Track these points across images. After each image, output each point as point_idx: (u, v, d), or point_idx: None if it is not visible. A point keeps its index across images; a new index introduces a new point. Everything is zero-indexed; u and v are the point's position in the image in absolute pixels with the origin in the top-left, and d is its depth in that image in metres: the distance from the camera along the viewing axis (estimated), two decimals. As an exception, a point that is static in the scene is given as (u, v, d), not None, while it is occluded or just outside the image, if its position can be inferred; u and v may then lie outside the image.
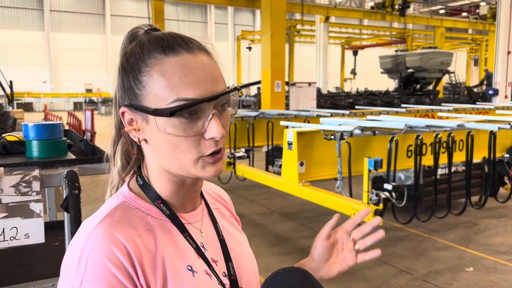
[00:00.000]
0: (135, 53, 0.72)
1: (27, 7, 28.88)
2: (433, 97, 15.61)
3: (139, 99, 0.71)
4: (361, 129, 4.02)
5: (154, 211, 0.75)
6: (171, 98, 0.67)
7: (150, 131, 0.71)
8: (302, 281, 0.73)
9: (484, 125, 4.51)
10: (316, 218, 5.14)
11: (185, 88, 0.67)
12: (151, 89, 0.69)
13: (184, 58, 0.69)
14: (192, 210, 0.81)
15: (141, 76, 0.70)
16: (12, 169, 1.33)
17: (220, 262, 0.79)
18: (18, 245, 1.29)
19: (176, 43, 0.71)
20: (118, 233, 0.68)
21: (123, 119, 0.74)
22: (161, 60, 0.69)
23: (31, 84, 27.41)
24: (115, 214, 0.72)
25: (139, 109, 0.70)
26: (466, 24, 24.62)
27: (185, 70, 0.68)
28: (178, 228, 0.76)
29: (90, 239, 0.67)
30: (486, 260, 3.88)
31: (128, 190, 0.77)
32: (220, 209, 0.91)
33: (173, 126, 0.68)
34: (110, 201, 0.77)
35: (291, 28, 19.22)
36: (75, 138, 2.16)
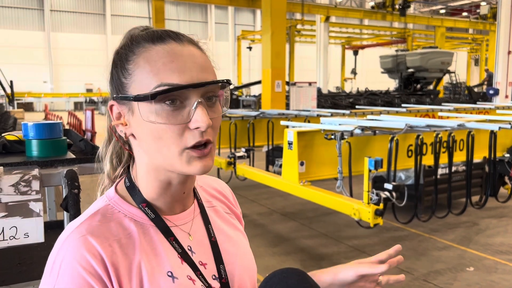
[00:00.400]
0: (125, 45, 0.72)
1: (27, 7, 28.89)
2: (434, 97, 15.60)
3: (125, 88, 0.70)
4: (362, 128, 4.01)
5: (138, 214, 0.73)
6: (155, 84, 0.66)
7: (135, 123, 0.69)
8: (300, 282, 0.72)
9: (484, 124, 4.51)
10: (316, 218, 5.14)
11: (169, 74, 0.66)
12: (136, 76, 0.68)
13: (171, 46, 0.68)
14: (182, 211, 0.78)
15: (127, 64, 0.70)
16: (12, 168, 1.33)
17: (209, 265, 0.77)
18: (17, 244, 1.28)
19: (166, 34, 0.70)
20: (94, 239, 0.67)
21: (111, 114, 0.73)
22: (148, 48, 0.68)
23: (31, 84, 27.42)
24: (95, 218, 0.71)
25: (124, 98, 0.69)
26: (467, 24, 24.60)
27: (170, 57, 0.67)
28: (163, 232, 0.74)
29: (65, 244, 0.67)
30: (487, 260, 3.87)
31: (114, 192, 0.76)
32: (216, 207, 0.88)
33: (156, 114, 0.66)
34: (95, 203, 0.76)
35: (292, 28, 19.21)
36: (75, 137, 2.16)
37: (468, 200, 4.46)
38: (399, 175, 4.74)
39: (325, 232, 4.64)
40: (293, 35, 20.59)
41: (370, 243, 4.28)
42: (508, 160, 4.76)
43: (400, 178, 4.82)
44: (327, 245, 4.28)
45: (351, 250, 4.12)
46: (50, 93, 28.08)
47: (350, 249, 4.16)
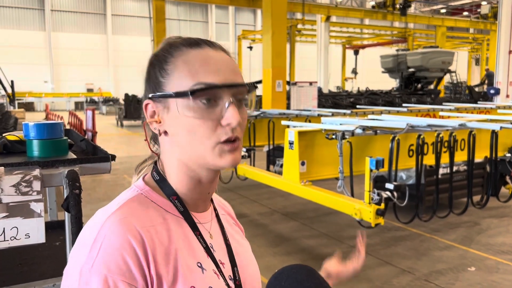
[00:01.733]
0: (163, 49, 0.77)
1: (28, 7, 28.90)
2: (434, 96, 15.59)
3: (162, 86, 0.74)
4: (363, 128, 4.01)
5: (168, 206, 0.77)
6: (192, 83, 0.71)
7: (170, 120, 0.74)
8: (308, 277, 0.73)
9: (486, 124, 4.50)
10: (317, 218, 5.13)
11: (206, 74, 0.71)
12: (174, 76, 0.73)
13: (206, 50, 0.75)
14: (203, 211, 0.82)
15: (166, 65, 0.75)
16: (13, 168, 1.33)
17: (226, 266, 0.80)
18: (18, 245, 1.28)
19: (201, 41, 0.76)
20: (134, 222, 0.69)
21: (146, 112, 0.77)
22: (186, 52, 0.74)
23: (32, 84, 27.43)
24: (132, 204, 0.73)
25: (162, 96, 0.74)
26: (467, 24, 24.58)
27: (207, 60, 0.73)
28: (190, 226, 0.77)
29: (106, 225, 0.68)
30: (488, 260, 3.87)
31: (144, 184, 0.79)
32: (225, 216, 0.93)
33: (193, 110, 0.70)
34: (125, 193, 0.78)
35: (292, 27, 19.20)
36: (76, 137, 2.16)
37: (469, 200, 4.45)
38: (400, 175, 4.73)
39: (326, 232, 4.64)
40: (294, 35, 20.58)
41: (371, 243, 4.27)
42: (509, 160, 4.75)
43: (401, 178, 4.82)
44: (328, 245, 4.28)
45: (353, 250, 4.11)
46: (51, 93, 28.08)
47: (351, 249, 4.15)
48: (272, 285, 0.73)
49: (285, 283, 0.72)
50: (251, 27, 33.60)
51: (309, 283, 0.71)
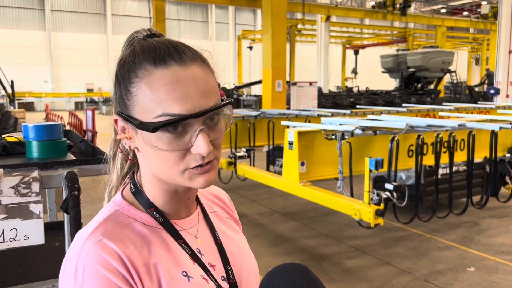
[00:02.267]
0: (127, 62, 0.71)
1: (28, 6, 28.89)
2: (434, 96, 15.59)
3: (128, 109, 0.71)
4: (362, 128, 4.01)
5: (147, 219, 0.75)
6: (157, 112, 0.67)
7: (139, 141, 0.71)
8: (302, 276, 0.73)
9: (485, 124, 4.50)
10: (317, 218, 5.13)
11: (171, 103, 0.66)
12: (139, 101, 0.69)
13: (173, 71, 0.68)
14: (187, 216, 0.80)
15: (130, 87, 0.70)
16: (12, 170, 1.33)
17: (218, 267, 0.79)
18: (17, 246, 1.28)
19: (168, 55, 0.69)
20: (111, 242, 0.68)
21: (116, 126, 0.75)
22: (150, 72, 0.68)
23: (32, 84, 27.42)
24: (107, 223, 0.72)
25: (127, 120, 0.70)
26: (467, 23, 24.57)
27: (173, 84, 0.67)
28: (172, 235, 0.76)
29: (84, 250, 0.68)
30: (488, 260, 3.87)
31: (121, 198, 0.77)
32: (217, 212, 0.91)
33: (159, 140, 0.68)
34: (103, 210, 0.77)
35: (292, 27, 19.20)
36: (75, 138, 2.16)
37: (469, 200, 4.45)
38: (399, 175, 4.73)
39: (326, 232, 4.64)
40: (294, 35, 20.58)
41: (371, 243, 4.28)
42: (509, 160, 4.75)
43: (401, 178, 4.82)
44: (328, 245, 4.28)
45: (352, 250, 4.12)
46: (51, 93, 28.07)
47: (351, 249, 4.16)
48: (265, 284, 0.73)
49: (279, 282, 0.72)
50: (251, 27, 33.59)
51: (302, 282, 0.71)
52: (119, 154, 0.81)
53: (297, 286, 0.70)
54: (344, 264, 3.82)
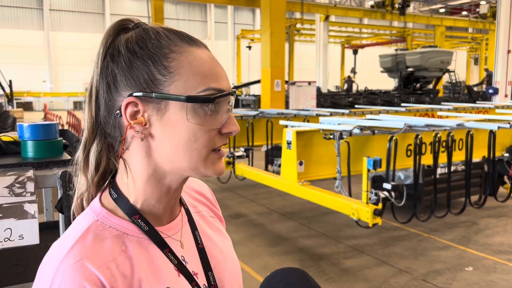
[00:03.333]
0: (151, 38, 0.68)
1: (26, 6, 28.86)
2: (433, 96, 15.62)
3: (160, 86, 0.66)
4: (360, 128, 4.00)
5: (130, 228, 0.69)
6: (202, 87, 0.67)
7: (162, 124, 0.67)
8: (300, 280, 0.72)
9: (483, 124, 4.50)
10: (315, 217, 5.13)
11: (215, 79, 0.68)
12: (181, 75, 0.67)
13: (206, 52, 0.71)
14: (170, 221, 0.76)
15: (167, 61, 0.67)
16: (6, 169, 1.32)
17: (200, 274, 0.76)
18: (12, 246, 1.28)
19: (192, 38, 0.71)
20: (90, 263, 0.63)
21: (125, 113, 0.67)
22: (188, 49, 0.69)
23: (30, 84, 27.39)
24: (86, 238, 0.66)
25: (162, 98, 0.66)
26: (466, 23, 24.60)
27: (212, 62, 0.70)
28: (158, 245, 0.71)
29: (59, 273, 0.62)
30: (486, 259, 3.87)
31: (100, 206, 0.70)
32: (202, 212, 0.87)
33: (199, 117, 0.67)
34: (81, 220, 0.70)
35: (291, 27, 19.21)
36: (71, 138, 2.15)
37: (467, 199, 4.45)
38: (398, 175, 4.73)
39: (324, 232, 4.64)
40: (293, 34, 20.58)
41: (369, 243, 4.27)
42: (507, 160, 4.76)
43: (399, 178, 4.82)
44: (326, 245, 4.27)
45: (350, 250, 4.12)
46: (49, 93, 28.04)
47: (349, 248, 4.16)
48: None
49: (277, 286, 0.71)
50: (250, 26, 33.58)
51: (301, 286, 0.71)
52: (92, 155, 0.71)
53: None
54: (342, 264, 3.81)
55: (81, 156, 0.72)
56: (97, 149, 0.71)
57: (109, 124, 0.69)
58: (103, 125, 0.70)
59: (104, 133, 0.70)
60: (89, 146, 0.71)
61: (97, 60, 0.70)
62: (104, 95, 0.69)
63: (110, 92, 0.69)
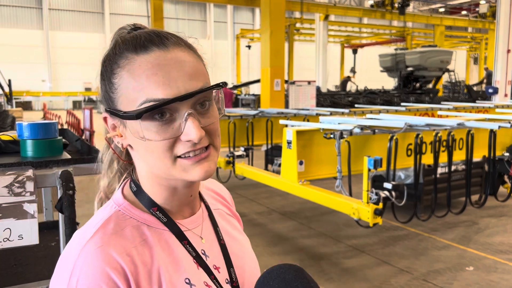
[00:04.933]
0: (109, 55, 0.69)
1: (26, 5, 28.82)
2: (433, 95, 15.62)
3: (114, 103, 0.68)
4: (361, 128, 3.99)
5: (150, 220, 0.72)
6: (141, 100, 0.63)
7: (130, 136, 0.68)
8: (296, 277, 0.72)
9: (484, 123, 4.49)
10: (315, 217, 5.12)
11: (154, 88, 0.63)
12: (122, 91, 0.66)
13: (155, 55, 0.65)
14: (191, 215, 0.77)
15: (113, 78, 0.67)
16: (6, 169, 1.31)
17: (222, 269, 0.77)
18: (11, 246, 1.26)
19: (149, 41, 0.66)
20: (112, 249, 0.64)
21: (106, 125, 0.71)
22: (131, 60, 0.65)
23: (30, 83, 27.36)
24: (108, 226, 0.68)
25: (114, 114, 0.67)
26: (466, 23, 24.59)
27: (154, 69, 0.64)
28: (177, 236, 0.72)
29: (82, 257, 0.64)
30: (486, 259, 3.86)
31: (122, 197, 0.73)
32: (220, 210, 0.88)
33: (146, 130, 0.64)
34: (103, 210, 0.73)
35: (291, 26, 19.20)
36: (71, 137, 2.14)
37: (467, 199, 4.44)
38: (398, 174, 4.72)
39: (324, 232, 4.63)
40: (292, 34, 20.57)
41: (370, 243, 4.26)
42: (507, 159, 4.75)
43: (400, 177, 4.81)
44: (326, 245, 4.26)
45: (351, 250, 4.11)
46: (49, 92, 28.01)
47: (350, 248, 4.15)
48: (260, 285, 0.72)
49: (274, 282, 0.70)
50: (249, 26, 33.57)
51: (297, 282, 0.70)
52: (108, 154, 0.77)
53: (292, 286, 0.69)
54: (342, 264, 3.80)
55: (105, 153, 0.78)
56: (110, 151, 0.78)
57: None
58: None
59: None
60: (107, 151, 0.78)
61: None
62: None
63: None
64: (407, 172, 4.81)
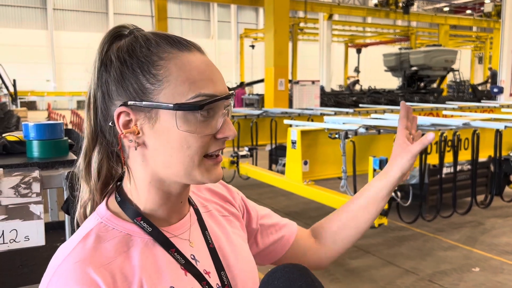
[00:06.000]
0: (140, 46, 0.68)
1: (30, 5, 28.94)
2: (437, 95, 15.55)
3: (149, 95, 0.66)
4: (366, 127, 3.98)
5: (134, 230, 0.70)
6: (192, 94, 0.65)
7: (154, 133, 0.66)
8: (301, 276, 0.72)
9: (490, 123, 4.46)
10: (320, 217, 5.07)
11: (206, 84, 0.66)
12: (169, 83, 0.66)
13: (197, 55, 0.69)
14: (178, 221, 0.76)
15: (155, 69, 0.66)
16: (12, 170, 1.31)
17: (212, 273, 0.76)
18: (18, 248, 1.26)
19: (184, 41, 0.70)
20: (88, 264, 0.63)
21: (117, 122, 0.67)
22: (177, 55, 0.67)
23: (34, 83, 27.47)
24: (88, 240, 0.66)
25: (152, 106, 0.65)
26: (471, 22, 24.49)
27: (203, 66, 0.68)
28: (163, 245, 0.71)
29: (57, 274, 0.63)
30: (493, 260, 3.84)
31: (106, 209, 0.72)
32: (212, 211, 0.86)
33: (190, 124, 0.65)
34: (86, 222, 0.72)
35: (294, 26, 19.17)
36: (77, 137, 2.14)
37: (473, 199, 4.42)
38: (403, 175, 4.69)
39: (329, 232, 4.61)
40: (296, 33, 20.55)
41: (374, 243, 4.25)
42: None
43: (405, 178, 4.78)
44: (331, 245, 4.25)
45: (355, 250, 4.09)
46: (53, 92, 28.11)
47: (354, 249, 4.13)
48: (265, 285, 0.72)
49: (278, 282, 0.70)
50: (253, 25, 33.56)
51: (302, 281, 0.70)
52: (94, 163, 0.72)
53: (296, 285, 0.69)
54: (347, 264, 3.79)
55: (82, 164, 0.72)
56: (98, 157, 0.72)
57: (107, 132, 0.71)
58: (103, 133, 0.71)
59: (104, 141, 0.71)
60: (90, 154, 0.72)
61: (93, 68, 0.73)
62: (100, 104, 0.71)
63: (105, 101, 0.70)
64: (412, 172, 4.78)
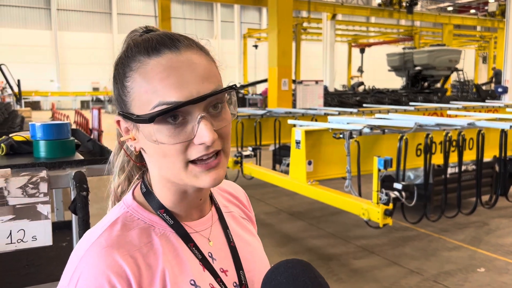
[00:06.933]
0: (122, 58, 0.69)
1: (34, 6, 29.02)
2: (441, 95, 15.49)
3: (126, 106, 0.68)
4: (370, 127, 3.97)
5: (157, 221, 0.72)
6: (154, 103, 0.63)
7: (142, 140, 0.68)
8: (304, 271, 0.71)
9: (495, 123, 4.45)
10: (324, 217, 5.10)
11: (167, 91, 0.63)
12: (135, 94, 0.66)
13: (167, 58, 0.65)
14: (200, 218, 0.77)
15: (126, 81, 0.67)
16: (19, 170, 1.31)
17: (230, 272, 0.77)
18: (25, 247, 1.27)
19: (162, 43, 0.66)
20: (115, 251, 0.65)
21: (120, 128, 0.72)
22: (144, 63, 0.65)
23: (38, 83, 27.56)
24: (115, 227, 0.69)
25: (127, 117, 0.68)
26: (475, 21, 24.38)
27: (166, 71, 0.64)
28: (183, 238, 0.73)
29: (85, 257, 0.65)
30: (498, 260, 3.82)
31: (132, 199, 0.74)
32: (233, 212, 0.88)
33: (159, 133, 0.64)
34: (113, 210, 0.74)
35: (298, 26, 19.15)
36: (82, 137, 2.14)
37: (478, 199, 4.40)
38: (408, 175, 4.69)
39: (333, 232, 4.61)
40: (300, 33, 20.52)
41: (379, 243, 4.24)
42: (518, 159, 4.70)
43: (409, 178, 4.77)
44: (335, 245, 4.25)
45: (360, 250, 4.09)
46: (57, 92, 28.21)
47: (359, 249, 4.13)
48: (268, 280, 0.72)
49: (281, 277, 0.70)
50: (256, 25, 33.54)
51: (305, 277, 0.69)
52: (120, 156, 0.78)
53: (299, 281, 0.69)
54: (352, 264, 3.78)
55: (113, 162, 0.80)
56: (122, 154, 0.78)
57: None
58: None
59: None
60: (117, 154, 0.79)
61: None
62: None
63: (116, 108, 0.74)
64: (417, 172, 4.77)
